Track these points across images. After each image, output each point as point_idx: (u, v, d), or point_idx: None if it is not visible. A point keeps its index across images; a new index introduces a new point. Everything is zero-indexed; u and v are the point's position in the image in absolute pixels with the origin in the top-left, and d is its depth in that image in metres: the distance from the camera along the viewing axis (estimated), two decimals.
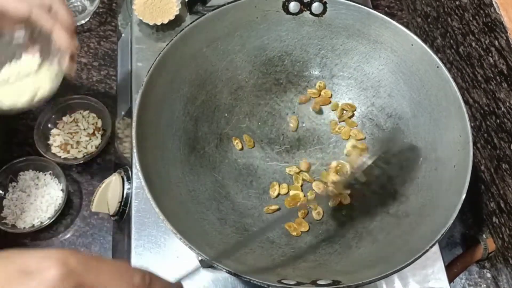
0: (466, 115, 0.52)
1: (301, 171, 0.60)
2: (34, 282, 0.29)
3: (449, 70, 0.60)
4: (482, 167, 0.68)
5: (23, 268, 0.29)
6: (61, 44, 0.52)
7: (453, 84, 0.53)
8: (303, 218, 0.57)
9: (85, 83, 0.82)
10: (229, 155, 0.61)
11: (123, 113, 0.73)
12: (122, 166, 0.66)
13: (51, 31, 0.51)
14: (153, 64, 0.54)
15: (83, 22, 0.87)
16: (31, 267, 0.29)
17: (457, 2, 0.68)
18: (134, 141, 0.50)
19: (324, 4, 0.60)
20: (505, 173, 0.62)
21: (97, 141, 0.75)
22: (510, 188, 0.62)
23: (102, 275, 0.31)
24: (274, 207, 0.57)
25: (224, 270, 0.44)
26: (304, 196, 0.59)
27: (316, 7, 0.60)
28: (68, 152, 0.74)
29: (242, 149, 0.61)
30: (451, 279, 0.67)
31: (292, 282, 0.45)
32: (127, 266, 0.33)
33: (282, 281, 0.45)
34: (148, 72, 0.54)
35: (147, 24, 0.71)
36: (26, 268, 0.29)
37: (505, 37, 0.57)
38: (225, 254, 0.45)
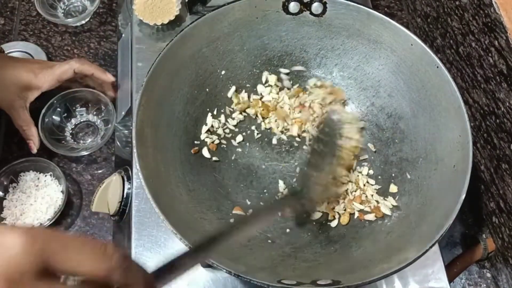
0: (466, 115, 0.52)
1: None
2: None
3: (449, 70, 0.60)
4: (482, 167, 0.68)
5: None
6: None
7: (453, 84, 0.54)
8: None
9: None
10: (229, 155, 0.61)
11: (123, 113, 0.73)
12: (122, 166, 0.66)
13: None
14: (153, 64, 0.54)
15: (83, 22, 0.87)
16: None
17: (457, 2, 0.68)
18: (134, 141, 0.50)
19: (324, 4, 0.60)
20: (504, 173, 0.62)
21: None
22: (509, 188, 0.62)
23: (72, 250, 0.28)
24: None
25: (224, 270, 0.44)
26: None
27: (316, 7, 0.60)
28: None
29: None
30: (451, 279, 0.67)
31: (292, 282, 0.45)
32: (102, 243, 0.30)
33: (282, 281, 0.45)
34: (148, 72, 0.54)
35: (147, 24, 0.71)
36: None
37: (504, 37, 0.57)
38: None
